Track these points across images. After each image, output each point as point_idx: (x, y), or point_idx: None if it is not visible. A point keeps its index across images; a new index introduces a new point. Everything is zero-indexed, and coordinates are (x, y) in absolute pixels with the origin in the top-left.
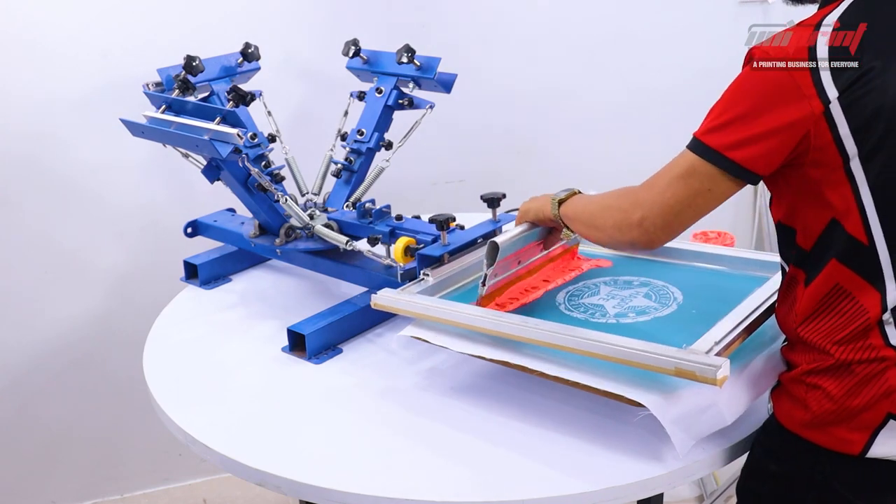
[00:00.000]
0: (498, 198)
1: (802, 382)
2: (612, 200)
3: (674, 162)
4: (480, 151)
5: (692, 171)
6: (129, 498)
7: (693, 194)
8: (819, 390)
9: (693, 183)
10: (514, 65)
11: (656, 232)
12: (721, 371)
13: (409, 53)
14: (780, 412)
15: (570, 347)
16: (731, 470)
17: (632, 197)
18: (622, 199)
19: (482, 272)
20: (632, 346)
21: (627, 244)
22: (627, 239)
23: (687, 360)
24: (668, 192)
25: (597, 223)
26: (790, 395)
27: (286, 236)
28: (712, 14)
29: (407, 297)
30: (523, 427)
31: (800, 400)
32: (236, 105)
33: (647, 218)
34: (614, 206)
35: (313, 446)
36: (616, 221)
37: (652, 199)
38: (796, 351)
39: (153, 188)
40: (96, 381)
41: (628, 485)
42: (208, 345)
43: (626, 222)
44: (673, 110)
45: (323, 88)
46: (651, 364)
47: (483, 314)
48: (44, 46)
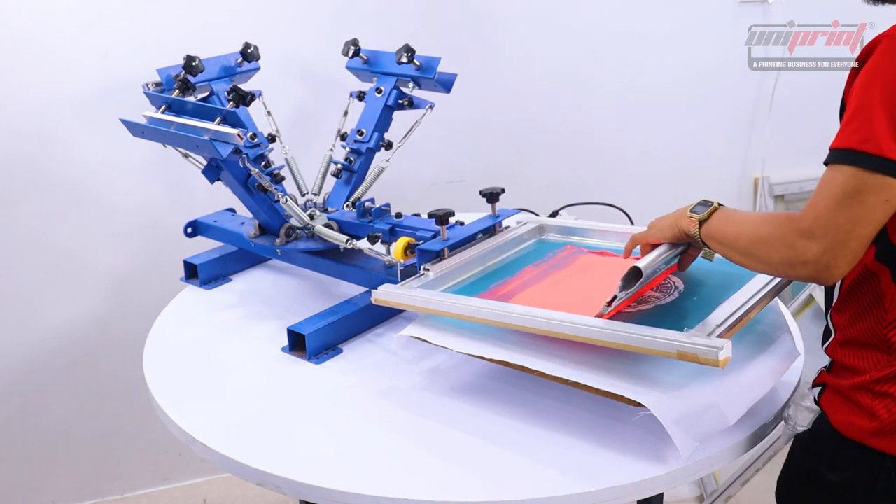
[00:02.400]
0: (497, 192)
1: (869, 391)
2: (771, 231)
3: (831, 181)
4: (480, 151)
5: (862, 187)
6: (129, 498)
7: (870, 211)
8: (889, 398)
9: (868, 199)
10: (514, 65)
11: (839, 264)
12: (723, 352)
13: (409, 53)
14: (837, 419)
15: (571, 335)
16: (732, 470)
17: (797, 228)
18: (785, 230)
19: (613, 293)
20: (633, 330)
21: (800, 279)
22: (803, 275)
23: (689, 343)
24: (841, 217)
25: (759, 256)
26: (850, 403)
27: (286, 236)
28: (712, 14)
29: (407, 292)
30: (523, 427)
31: (865, 408)
32: (236, 105)
33: (826, 252)
34: (778, 239)
35: (313, 446)
36: (786, 258)
37: (824, 229)
38: (861, 355)
39: (153, 188)
40: (96, 381)
41: (628, 485)
42: (208, 345)
43: (800, 259)
44: (673, 110)
45: (323, 88)
46: (653, 348)
47: (484, 306)
48: (44, 46)
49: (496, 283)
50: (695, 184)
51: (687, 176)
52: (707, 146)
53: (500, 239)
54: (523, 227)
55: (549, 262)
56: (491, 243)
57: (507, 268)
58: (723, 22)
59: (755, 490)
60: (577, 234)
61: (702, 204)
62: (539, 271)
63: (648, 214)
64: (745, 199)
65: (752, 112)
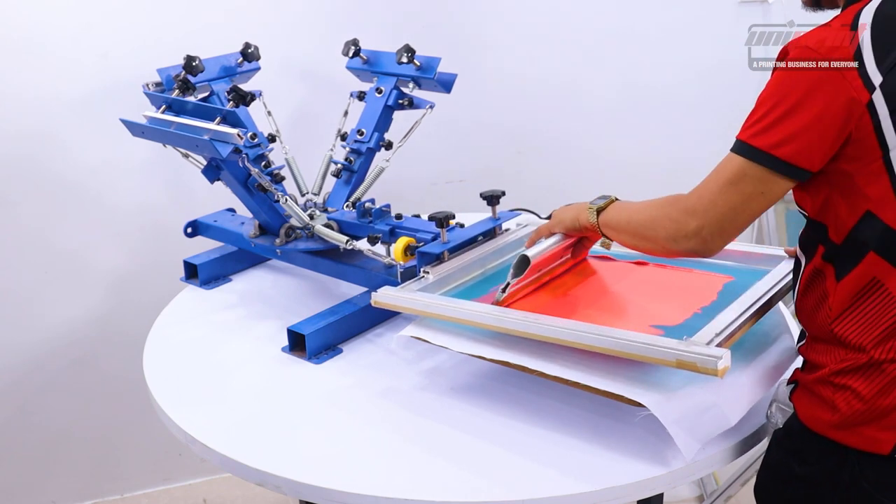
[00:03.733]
0: (497, 195)
1: (830, 383)
2: (659, 210)
3: (721, 167)
4: (480, 151)
5: (742, 176)
6: (129, 498)
7: (746, 199)
8: (848, 391)
9: (745, 187)
10: (514, 65)
11: (714, 240)
12: (722, 362)
13: (409, 53)
14: (804, 414)
15: (571, 341)
16: (732, 470)
17: (682, 206)
18: (671, 208)
19: (505, 280)
20: (633, 338)
21: (682, 254)
22: (683, 249)
23: (688, 352)
24: (720, 199)
25: (646, 234)
26: (815, 397)
27: (286, 236)
28: (712, 14)
29: (407, 295)
30: (523, 427)
31: (827, 401)
32: (236, 105)
33: (703, 227)
34: (664, 216)
35: (313, 446)
36: (670, 233)
37: (704, 208)
38: (821, 350)
39: (153, 188)
40: (96, 381)
41: (628, 485)
42: (208, 345)
43: (681, 233)
44: (673, 110)
45: (323, 88)
46: (652, 356)
47: (484, 310)
48: (44, 46)
49: (495, 287)
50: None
51: (686, 176)
52: (707, 146)
53: (500, 241)
54: (523, 229)
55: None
56: (491, 246)
57: (507, 271)
58: (723, 22)
59: None
60: None
61: (601, 197)
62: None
63: None
64: None
65: None
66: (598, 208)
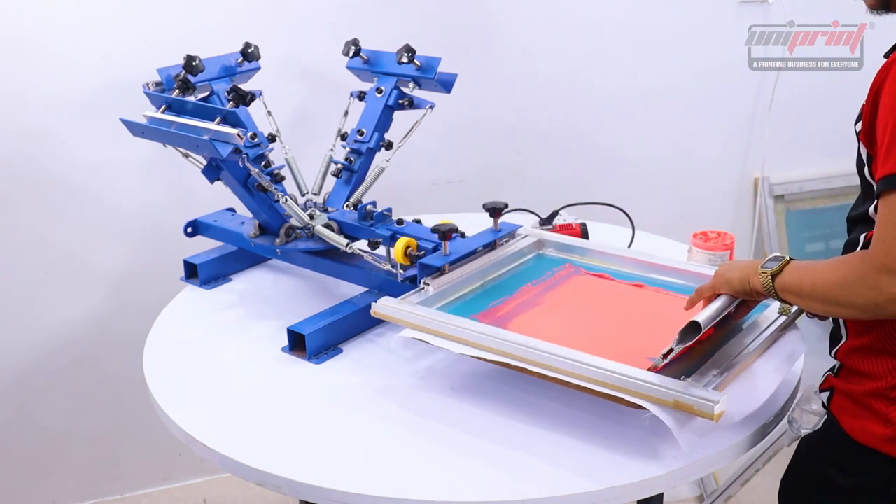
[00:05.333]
0: (500, 208)
1: (885, 397)
2: (848, 274)
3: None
4: (480, 151)
5: None
6: (129, 498)
7: None
8: None
9: None
10: (514, 65)
11: None
12: (718, 406)
13: (409, 53)
14: (850, 425)
15: (569, 371)
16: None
17: (874, 267)
18: (862, 270)
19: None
20: (632, 375)
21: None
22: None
23: (685, 394)
24: None
25: (842, 302)
26: (864, 409)
27: (286, 236)
28: (712, 14)
29: (407, 308)
30: (523, 427)
31: (880, 414)
32: (236, 105)
33: None
34: (857, 281)
35: (313, 446)
36: (871, 300)
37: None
38: (876, 361)
39: (153, 188)
40: (96, 381)
41: (628, 485)
42: (208, 345)
43: (885, 298)
44: (673, 110)
45: (323, 88)
46: (650, 395)
47: (482, 331)
48: (44, 46)
49: (494, 301)
50: (695, 184)
51: (687, 176)
52: (707, 146)
53: (500, 253)
54: (522, 240)
55: (546, 281)
56: (491, 258)
57: (506, 284)
58: (723, 22)
59: (755, 490)
60: (575, 253)
61: (772, 259)
62: (537, 291)
63: (648, 214)
64: (745, 199)
65: (752, 112)
66: (773, 272)
